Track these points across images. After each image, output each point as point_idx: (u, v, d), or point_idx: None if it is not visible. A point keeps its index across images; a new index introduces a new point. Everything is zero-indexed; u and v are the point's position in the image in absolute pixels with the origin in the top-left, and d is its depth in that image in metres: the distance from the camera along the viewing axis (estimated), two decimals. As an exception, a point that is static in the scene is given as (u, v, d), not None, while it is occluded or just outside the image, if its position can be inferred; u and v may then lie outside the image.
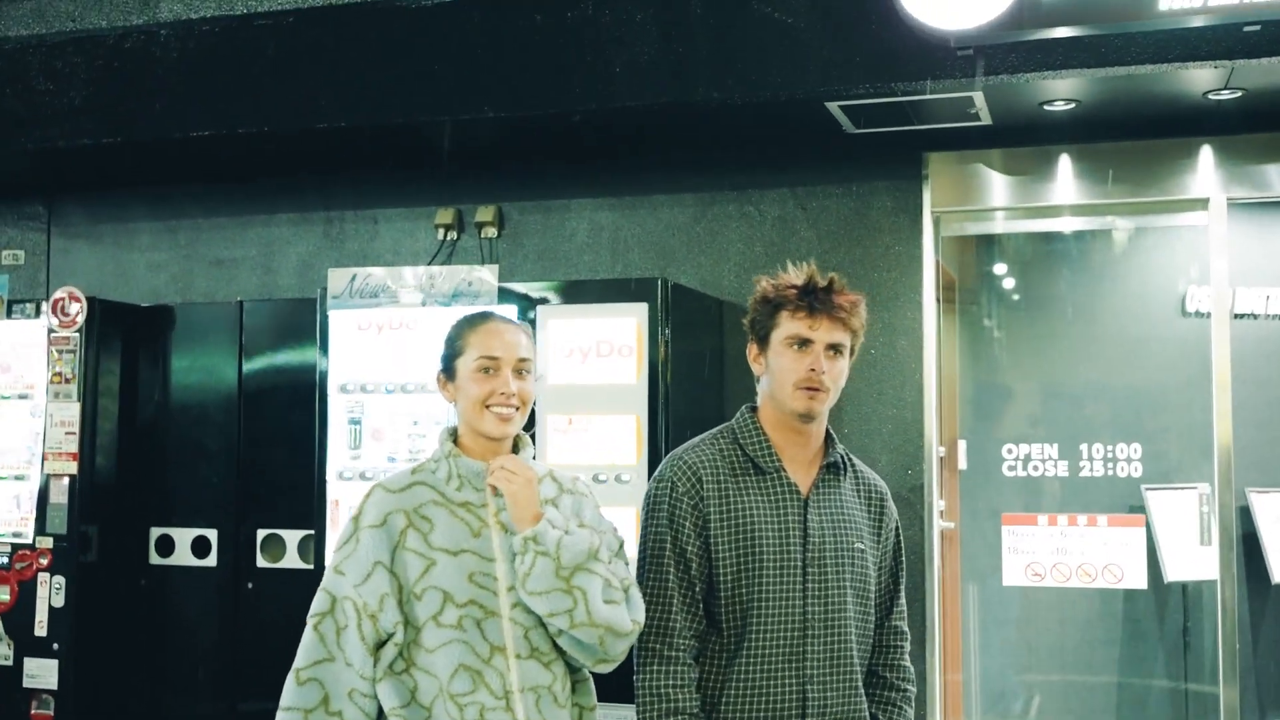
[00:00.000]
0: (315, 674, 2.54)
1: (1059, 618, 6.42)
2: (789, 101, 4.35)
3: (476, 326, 2.71)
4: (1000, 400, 6.23)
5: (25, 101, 4.98)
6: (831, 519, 2.75)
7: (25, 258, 6.04)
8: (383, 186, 5.54)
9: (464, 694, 2.53)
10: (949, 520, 5.84)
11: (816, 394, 2.70)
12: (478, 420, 2.67)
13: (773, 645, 2.66)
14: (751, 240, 5.14)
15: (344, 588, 2.56)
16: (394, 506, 2.60)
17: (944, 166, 4.98)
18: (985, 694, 6.43)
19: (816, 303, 2.72)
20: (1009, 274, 6.08)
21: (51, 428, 5.02)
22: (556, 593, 2.56)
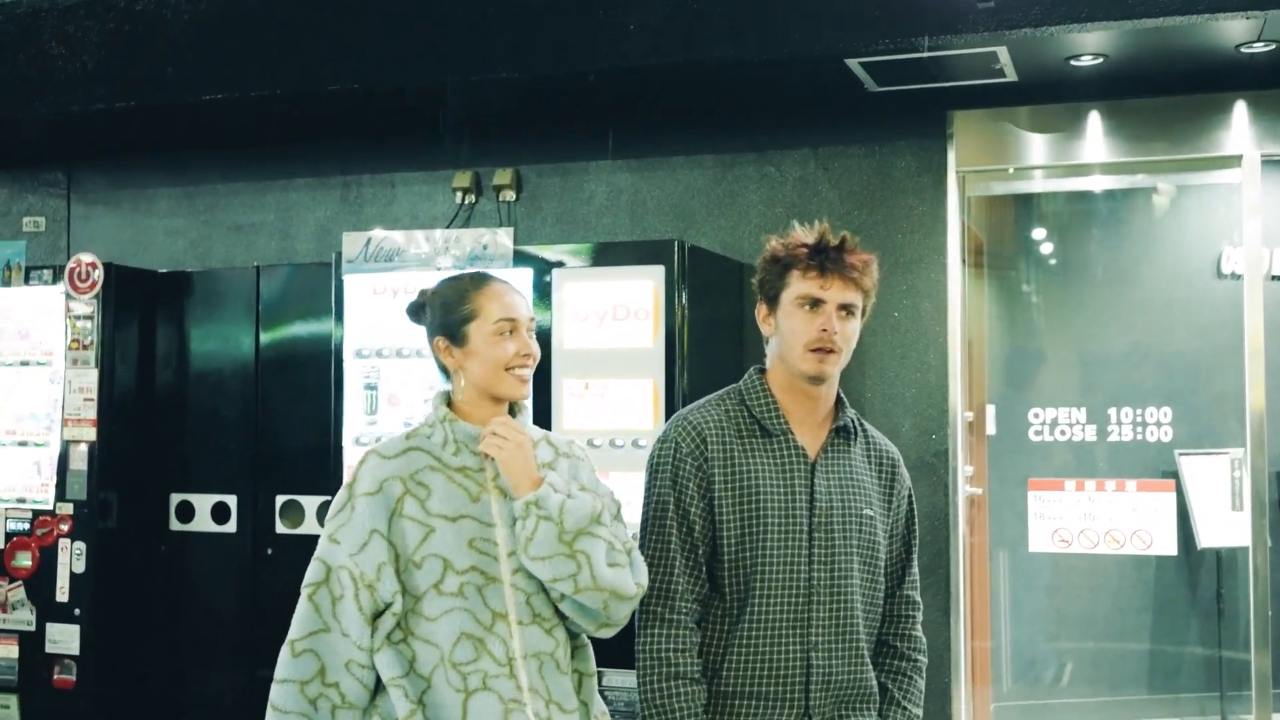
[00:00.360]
0: (310, 645, 2.48)
1: (1090, 584, 6.33)
2: (807, 59, 4.26)
3: (483, 288, 2.64)
4: (1030, 364, 6.12)
5: (39, 67, 4.95)
6: (840, 484, 2.68)
7: (46, 224, 6.03)
8: (400, 150, 5.48)
9: (467, 662, 2.48)
10: (977, 486, 5.76)
11: (828, 355, 2.63)
12: (497, 384, 2.62)
13: (777, 611, 2.60)
14: (772, 202, 5.05)
15: (339, 557, 2.50)
16: (390, 473, 2.54)
17: (969, 125, 4.87)
18: (1015, 661, 6.36)
19: (828, 262, 2.64)
20: (1039, 235, 5.96)
21: (70, 394, 5.01)
22: (559, 557, 2.51)
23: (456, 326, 2.62)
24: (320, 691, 2.47)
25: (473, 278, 2.70)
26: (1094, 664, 6.37)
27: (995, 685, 6.21)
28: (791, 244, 2.69)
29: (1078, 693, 6.38)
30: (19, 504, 5.10)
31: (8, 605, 5.07)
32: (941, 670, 4.80)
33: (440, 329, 2.64)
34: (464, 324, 2.61)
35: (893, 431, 4.85)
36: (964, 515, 4.87)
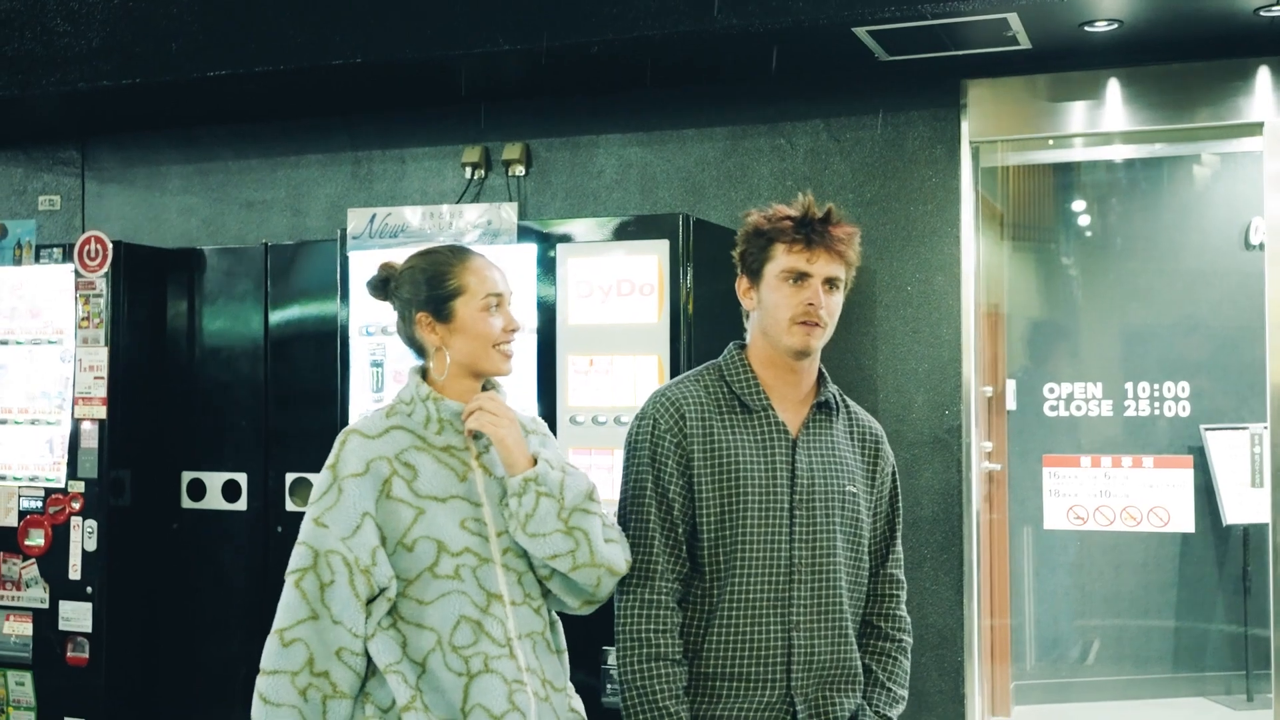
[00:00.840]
0: (299, 634, 2.40)
1: (1115, 561, 6.24)
2: (812, 27, 4.17)
3: (466, 262, 2.60)
4: (1052, 338, 6.03)
5: (45, 43, 4.93)
6: (822, 460, 2.63)
7: (61, 202, 6.03)
8: (410, 125, 5.44)
9: (467, 645, 2.44)
10: (996, 462, 5.69)
11: (814, 329, 2.59)
12: (484, 360, 2.58)
13: (757, 590, 2.55)
14: (783, 174, 4.97)
15: (328, 541, 2.42)
16: (375, 453, 2.48)
17: (983, 94, 4.76)
18: (1035, 639, 6.29)
19: (814, 235, 2.59)
20: (1060, 206, 5.85)
21: (80, 372, 5.02)
22: (557, 534, 2.48)
23: (442, 302, 2.56)
24: (310, 681, 2.39)
25: (453, 251, 2.64)
26: (1118, 642, 6.28)
27: (1017, 663, 6.15)
28: (775, 216, 2.64)
29: (1101, 671, 6.30)
30: (32, 482, 5.12)
31: (21, 583, 5.09)
32: (954, 648, 4.73)
33: (423, 305, 2.57)
34: (449, 300, 2.55)
35: (905, 407, 4.79)
36: (978, 491, 4.79)
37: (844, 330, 4.83)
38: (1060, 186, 5.81)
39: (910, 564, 4.77)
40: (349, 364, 4.67)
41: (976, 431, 4.80)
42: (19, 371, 5.21)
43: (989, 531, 5.73)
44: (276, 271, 5.14)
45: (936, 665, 4.75)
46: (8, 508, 5.13)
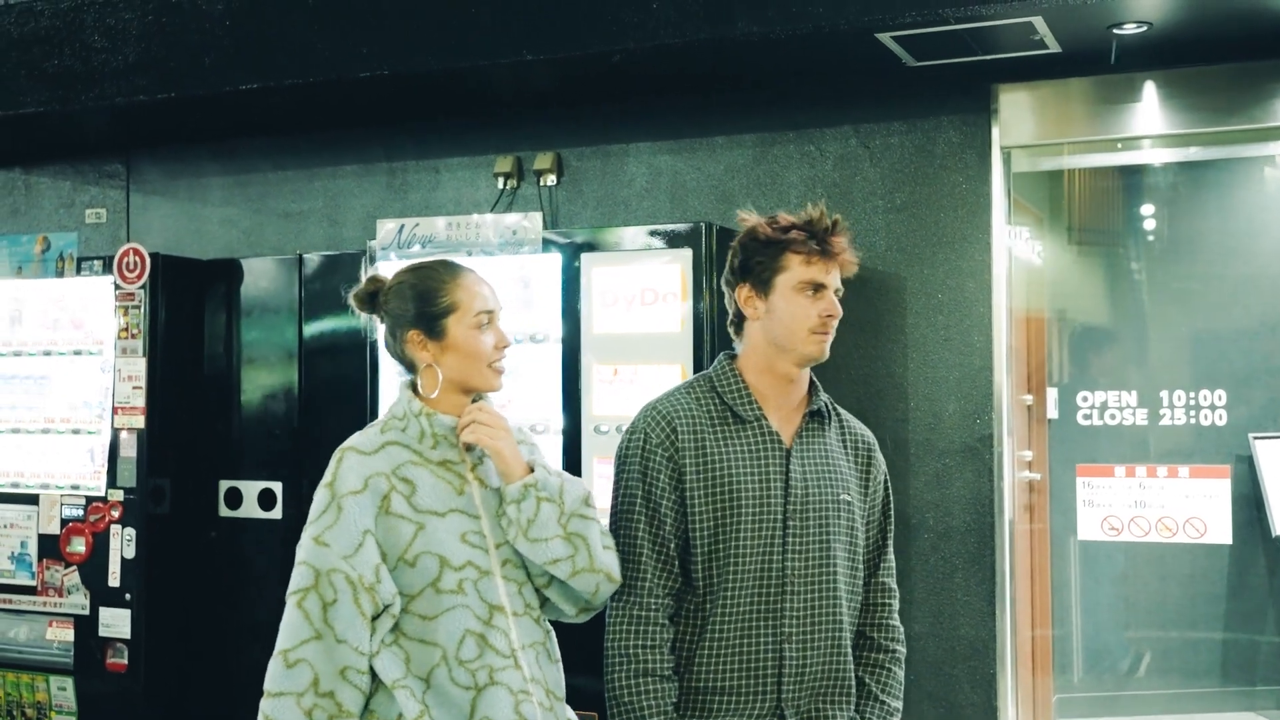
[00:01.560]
0: (303, 654, 2.38)
1: (1160, 572, 6.12)
2: (833, 33, 4.14)
3: (458, 279, 2.59)
4: (1097, 344, 5.92)
5: (83, 60, 5.03)
6: (816, 469, 2.61)
7: (107, 215, 6.14)
8: (443, 136, 5.47)
9: (473, 659, 2.44)
10: (1036, 472, 5.60)
11: (827, 337, 2.61)
12: (478, 378, 2.58)
13: (749, 601, 2.53)
14: (813, 181, 4.94)
15: (330, 560, 2.40)
16: (373, 470, 2.48)
17: (1014, 99, 4.70)
18: (1078, 651, 6.18)
19: (828, 245, 2.60)
20: (1100, 211, 5.76)
21: (120, 382, 5.10)
22: (558, 540, 2.48)
23: (434, 320, 2.55)
24: (315, 702, 2.37)
25: (445, 267, 2.62)
26: (1165, 654, 6.16)
27: (1062, 675, 6.05)
28: (784, 225, 2.63)
29: (1148, 684, 6.18)
30: (73, 490, 5.20)
31: (64, 589, 5.18)
32: (987, 659, 4.67)
33: (414, 322, 2.56)
34: (442, 317, 2.54)
35: (936, 415, 4.74)
36: (1010, 501, 4.72)
37: (874, 338, 4.82)
38: (1101, 191, 5.71)
39: (941, 574, 4.72)
40: (379, 374, 4.70)
41: (1009, 440, 4.74)
42: (62, 382, 5.31)
43: (1030, 542, 5.65)
44: (310, 282, 5.20)
45: (969, 677, 4.69)
46: (50, 515, 5.22)
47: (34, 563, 5.23)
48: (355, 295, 2.67)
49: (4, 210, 6.32)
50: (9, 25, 5.08)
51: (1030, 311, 5.71)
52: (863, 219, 4.85)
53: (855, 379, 4.85)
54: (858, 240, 4.79)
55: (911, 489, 4.76)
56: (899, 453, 4.78)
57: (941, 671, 4.72)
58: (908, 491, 4.77)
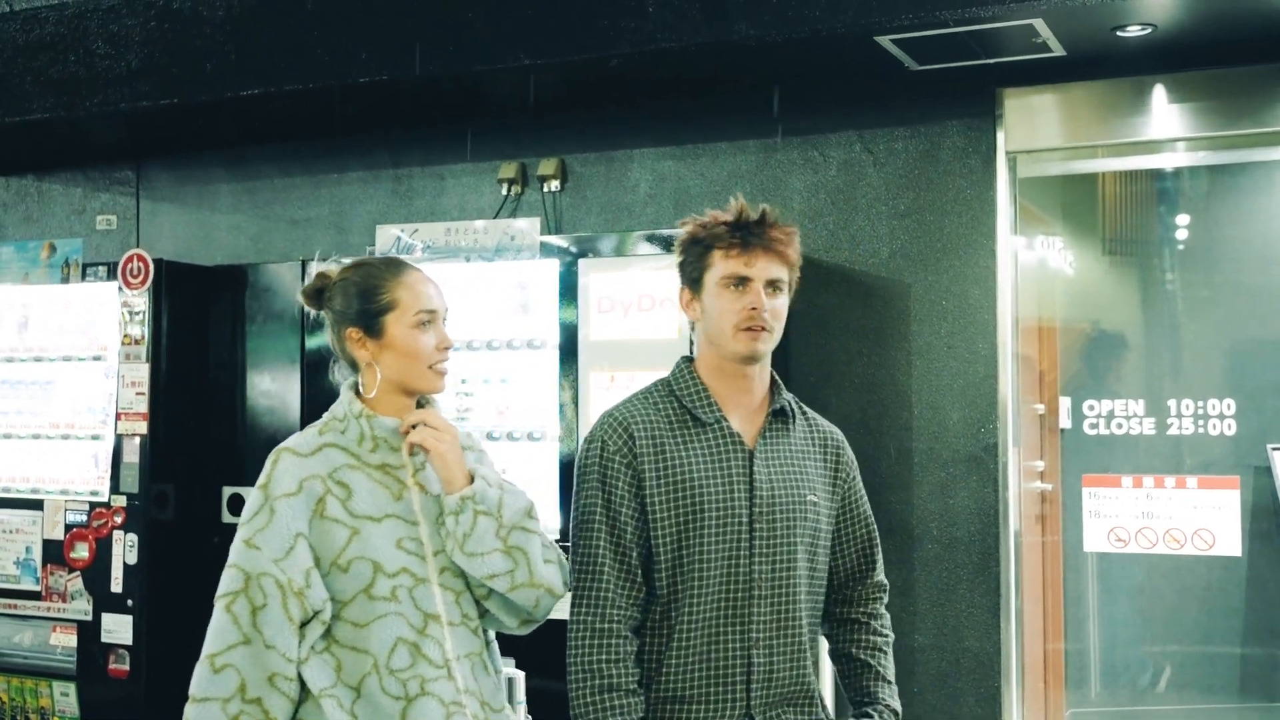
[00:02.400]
0: (230, 659, 2.34)
1: (1177, 585, 6.01)
2: (831, 36, 4.09)
3: (400, 277, 2.54)
4: (1103, 352, 5.83)
5: (87, 66, 5.04)
6: (781, 470, 2.56)
7: (117, 222, 6.16)
8: (448, 142, 5.45)
9: (405, 668, 2.38)
10: (1048, 482, 5.52)
11: (760, 334, 2.51)
12: (416, 378, 2.53)
13: (715, 608, 2.48)
14: (816, 187, 4.89)
15: (260, 563, 2.37)
16: (308, 472, 2.43)
17: (1019, 103, 4.64)
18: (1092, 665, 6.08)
19: (751, 237, 2.53)
20: (1110, 216, 5.67)
21: (123, 388, 5.10)
22: (496, 554, 2.42)
23: (373, 318, 2.51)
24: (241, 709, 2.33)
25: (386, 264, 2.58)
26: (1181, 669, 6.05)
27: (1076, 690, 5.95)
28: (710, 222, 2.58)
29: (1165, 699, 6.07)
30: (77, 496, 5.21)
31: (67, 595, 5.18)
32: (991, 673, 4.60)
33: (354, 319, 2.53)
34: (380, 315, 2.50)
35: (940, 424, 4.67)
36: (1015, 512, 4.65)
37: (877, 345, 4.76)
38: (1111, 197, 5.62)
39: (944, 586, 4.65)
40: (377, 380, 4.67)
41: (1015, 450, 4.66)
42: (67, 387, 5.32)
43: (1041, 553, 5.57)
44: (314, 289, 5.17)
45: (973, 690, 4.62)
46: (55, 521, 5.22)
47: (38, 568, 5.23)
48: (303, 291, 2.64)
49: (17, 217, 6.35)
50: (14, 32, 5.10)
51: (1041, 318, 5.63)
52: (866, 225, 4.80)
53: (858, 387, 4.79)
54: (861, 246, 4.76)
55: (915, 499, 4.70)
56: (902, 462, 4.72)
57: (945, 684, 4.65)
58: (911, 501, 4.70)
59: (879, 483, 4.74)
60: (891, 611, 4.63)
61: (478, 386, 4.62)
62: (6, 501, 5.34)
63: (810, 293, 4.84)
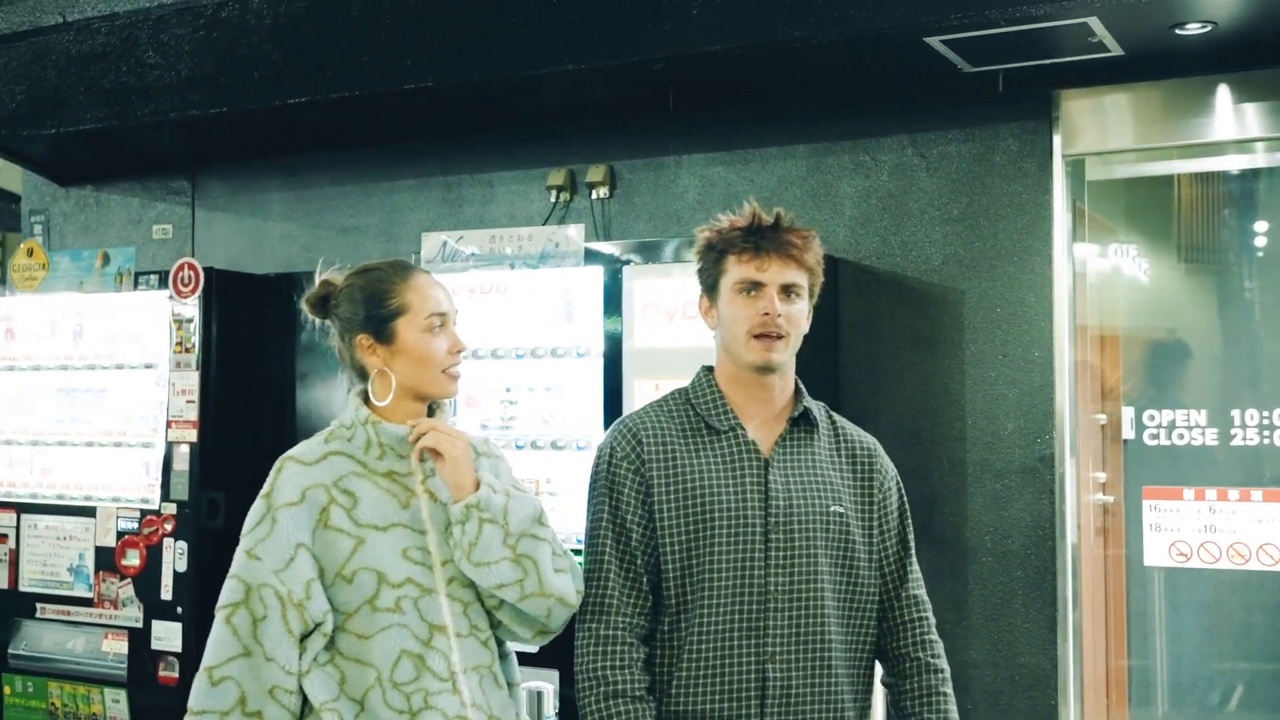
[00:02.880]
0: (229, 672, 2.32)
1: (1245, 601, 5.83)
2: (877, 38, 4.01)
3: (408, 280, 2.49)
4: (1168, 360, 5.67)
5: (138, 75, 5.07)
6: (800, 479, 2.47)
7: (173, 231, 6.20)
8: (497, 149, 5.43)
9: (409, 682, 2.33)
10: (1110, 494, 5.38)
11: (775, 341, 2.45)
12: (431, 383, 2.48)
13: (728, 620, 2.39)
14: (868, 192, 4.79)
15: (261, 574, 2.33)
16: (312, 481, 2.39)
17: (1077, 105, 4.52)
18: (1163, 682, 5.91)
19: (764, 241, 2.45)
20: (1174, 221, 5.51)
21: (174, 396, 5.12)
22: (505, 563, 2.35)
23: (383, 323, 2.46)
24: None
25: (393, 268, 2.53)
26: (1250, 687, 5.86)
27: (1143, 708, 5.78)
28: (725, 228, 2.50)
29: (1234, 718, 5.89)
30: (129, 503, 5.23)
31: (119, 602, 5.21)
32: (1047, 690, 4.47)
33: (363, 325, 2.49)
34: (391, 320, 2.46)
35: (994, 434, 4.56)
36: (1072, 524, 4.52)
37: (930, 354, 4.66)
38: (1177, 200, 5.47)
39: (999, 600, 4.53)
40: (422, 387, 4.65)
41: (1072, 460, 4.54)
42: (119, 395, 5.35)
43: (1105, 567, 5.42)
44: (362, 296, 5.16)
45: (1028, 708, 4.50)
46: (107, 528, 5.25)
47: (91, 575, 5.27)
48: (307, 299, 2.60)
49: (76, 226, 6.42)
50: (68, 43, 5.15)
51: (1104, 326, 5.48)
52: (919, 230, 4.70)
53: (910, 396, 4.69)
54: (914, 252, 4.67)
55: (969, 510, 4.58)
56: (955, 473, 4.61)
57: (1000, 702, 4.53)
58: (965, 513, 4.59)
59: (931, 494, 4.64)
60: (944, 626, 4.56)
61: (523, 395, 4.57)
62: (61, 508, 5.38)
63: (861, 300, 4.77)
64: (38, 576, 5.40)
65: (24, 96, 5.29)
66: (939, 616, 4.56)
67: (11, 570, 5.46)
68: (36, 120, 5.31)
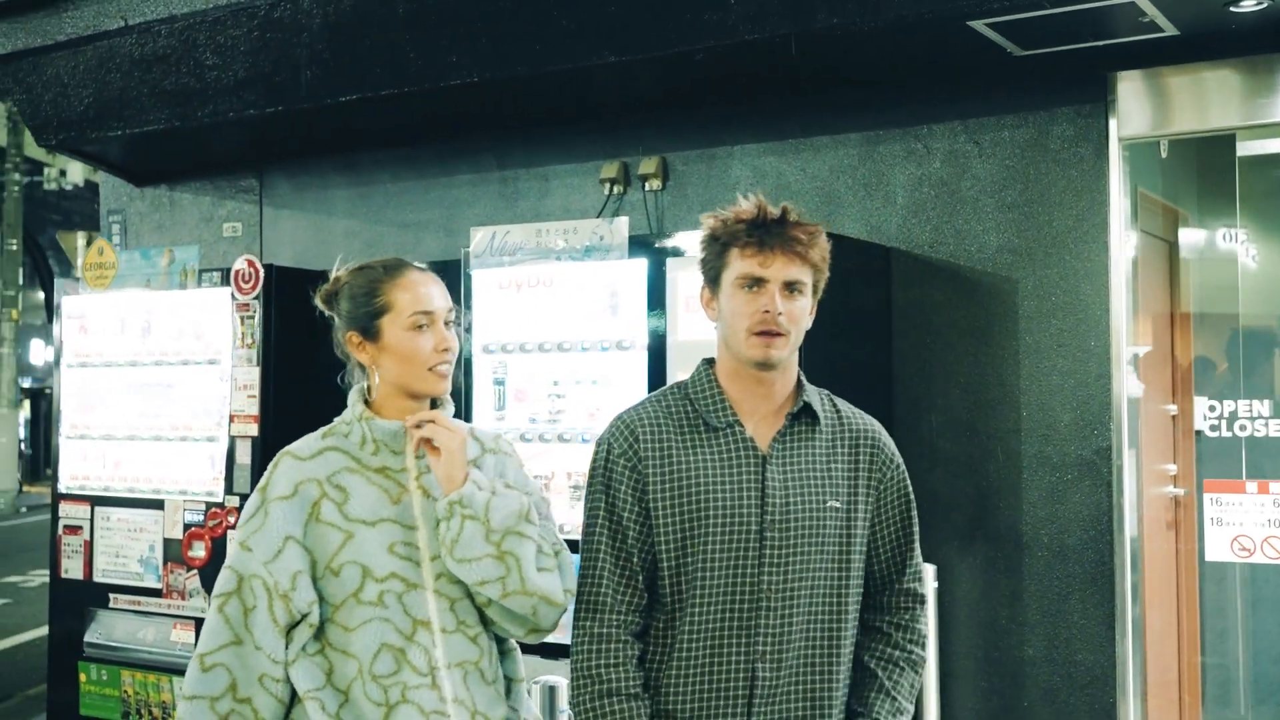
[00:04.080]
0: (221, 659, 2.37)
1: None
2: (918, 23, 3.93)
3: (396, 278, 2.50)
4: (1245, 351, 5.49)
5: (197, 77, 5.16)
6: (799, 476, 2.42)
7: (242, 229, 6.31)
8: (552, 144, 5.44)
9: (387, 675, 2.36)
10: (1182, 487, 5.24)
11: (774, 339, 2.39)
12: (415, 381, 2.48)
13: (719, 618, 2.36)
14: (920, 180, 4.71)
15: (252, 565, 2.38)
16: (305, 476, 2.43)
17: (1133, 88, 4.39)
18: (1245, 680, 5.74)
19: (768, 236, 2.39)
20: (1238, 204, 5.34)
21: (235, 391, 5.21)
22: (487, 559, 2.36)
23: (368, 320, 2.49)
24: (231, 708, 2.36)
25: (385, 266, 2.54)
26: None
27: (1220, 708, 5.62)
28: (730, 219, 2.45)
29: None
30: (195, 496, 5.34)
31: (186, 593, 5.32)
32: (1106, 687, 4.36)
33: (351, 322, 2.51)
34: (376, 318, 2.48)
35: (1050, 426, 4.46)
36: (1131, 518, 4.40)
37: (984, 343, 4.57)
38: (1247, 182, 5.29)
39: (1055, 596, 4.44)
40: (472, 382, 4.68)
41: (1130, 453, 4.42)
42: (185, 390, 5.46)
43: (1175, 563, 5.28)
44: (416, 291, 5.21)
45: (1086, 706, 4.39)
46: (174, 520, 5.37)
47: (159, 566, 5.39)
48: (319, 295, 2.62)
49: (150, 225, 6.56)
50: (131, 46, 5.26)
51: (1174, 314, 5.34)
52: (972, 218, 4.61)
53: (964, 387, 4.60)
54: (967, 240, 4.58)
55: (1024, 504, 4.49)
56: (1010, 465, 4.51)
57: (1057, 700, 4.43)
58: (1020, 507, 4.50)
59: (986, 488, 4.55)
60: (999, 622, 4.50)
61: (570, 388, 4.57)
62: (131, 501, 5.51)
63: (914, 290, 4.69)
64: (110, 567, 5.54)
65: (91, 99, 5.42)
66: (994, 612, 4.51)
67: (86, 561, 5.61)
68: (104, 123, 5.44)
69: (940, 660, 4.48)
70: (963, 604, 4.58)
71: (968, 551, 4.58)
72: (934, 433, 4.65)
